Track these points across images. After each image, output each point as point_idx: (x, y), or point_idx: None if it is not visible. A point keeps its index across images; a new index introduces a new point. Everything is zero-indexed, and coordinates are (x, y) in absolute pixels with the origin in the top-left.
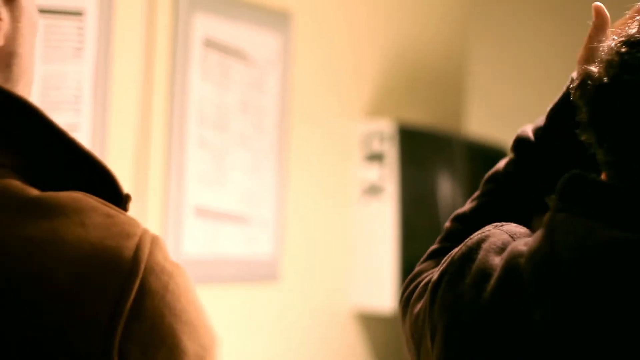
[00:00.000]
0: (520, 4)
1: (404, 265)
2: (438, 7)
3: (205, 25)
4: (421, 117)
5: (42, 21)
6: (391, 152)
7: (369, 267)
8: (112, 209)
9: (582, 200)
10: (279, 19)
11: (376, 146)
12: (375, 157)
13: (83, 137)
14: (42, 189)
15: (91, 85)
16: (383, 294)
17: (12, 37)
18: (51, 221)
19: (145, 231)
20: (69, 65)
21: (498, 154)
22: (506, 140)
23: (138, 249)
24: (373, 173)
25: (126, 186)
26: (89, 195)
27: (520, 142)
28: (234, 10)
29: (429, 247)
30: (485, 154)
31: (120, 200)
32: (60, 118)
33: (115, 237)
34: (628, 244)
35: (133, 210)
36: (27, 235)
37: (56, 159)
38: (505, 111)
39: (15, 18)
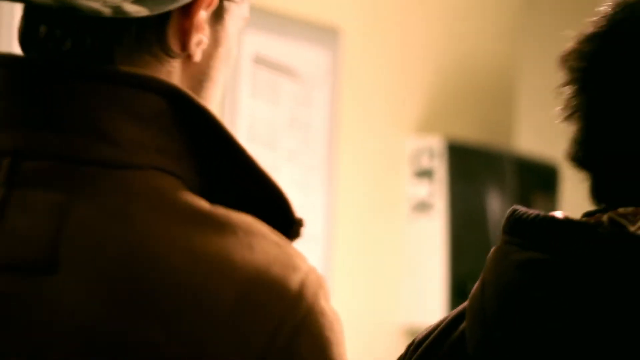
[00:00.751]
0: (570, 17)
1: (453, 282)
2: (487, 22)
3: (254, 42)
4: (471, 133)
5: None
6: (441, 168)
7: (418, 284)
8: (281, 239)
9: (510, 230)
10: (328, 35)
11: (425, 162)
12: (425, 174)
13: None
14: (212, 202)
15: None
16: (432, 310)
17: (210, 59)
18: (220, 238)
19: (312, 269)
20: None
21: (548, 170)
22: (556, 156)
23: (304, 284)
24: (422, 189)
25: None
26: (259, 221)
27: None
28: (283, 27)
29: (478, 264)
30: (535, 169)
31: (292, 225)
32: None
33: (282, 267)
34: (535, 264)
35: None
36: (195, 247)
37: (232, 175)
38: (555, 127)
39: (217, 43)
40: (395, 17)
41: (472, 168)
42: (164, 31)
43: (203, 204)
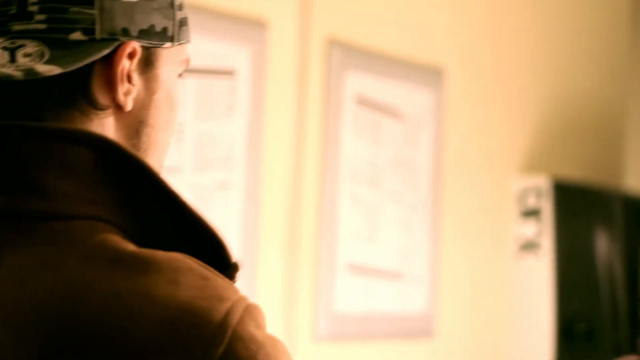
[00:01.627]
0: None
1: (561, 323)
2: (594, 60)
3: (357, 82)
4: (577, 171)
5: (195, 81)
6: (547, 207)
7: (525, 324)
8: (211, 272)
9: None
10: (432, 75)
11: (532, 202)
12: (532, 213)
13: (235, 194)
14: (150, 246)
15: (244, 143)
16: (540, 351)
17: (145, 106)
18: (142, 276)
19: (241, 298)
20: (222, 123)
21: None
22: None
23: (228, 313)
24: (529, 229)
25: (278, 242)
26: (189, 257)
27: None
28: (385, 67)
29: (585, 304)
30: None
31: (227, 268)
32: (213, 175)
33: (206, 299)
34: None
35: (286, 266)
36: (115, 288)
37: (165, 221)
38: None
39: (151, 90)
40: (500, 56)
41: (579, 207)
42: (88, 85)
43: (131, 247)
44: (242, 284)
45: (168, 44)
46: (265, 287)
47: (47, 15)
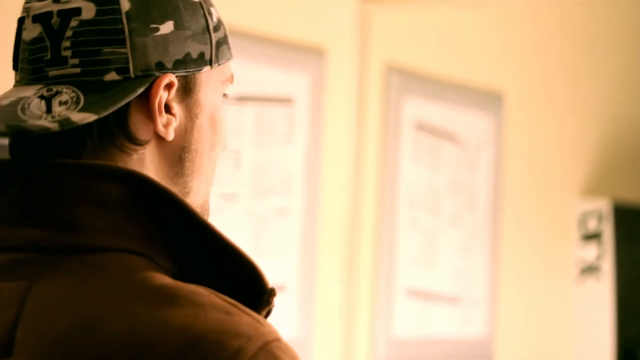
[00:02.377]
0: None
1: (622, 347)
2: None
3: (415, 108)
4: (638, 195)
5: (254, 108)
6: (608, 231)
7: (586, 349)
8: (237, 309)
9: None
10: (490, 100)
11: (592, 225)
12: (592, 237)
13: (294, 220)
14: (185, 278)
15: (302, 169)
16: None
17: (187, 132)
18: (162, 309)
19: (261, 334)
20: (280, 150)
21: None
22: None
23: (240, 349)
24: (590, 253)
25: (337, 268)
26: (216, 293)
27: None
28: (443, 93)
29: None
30: None
31: (263, 294)
32: (271, 202)
33: (221, 333)
34: None
35: (344, 291)
36: (132, 319)
37: (199, 252)
38: None
39: (192, 115)
40: (558, 79)
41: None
42: (125, 123)
43: (159, 279)
44: (301, 310)
45: (207, 68)
46: (323, 313)
47: (81, 59)
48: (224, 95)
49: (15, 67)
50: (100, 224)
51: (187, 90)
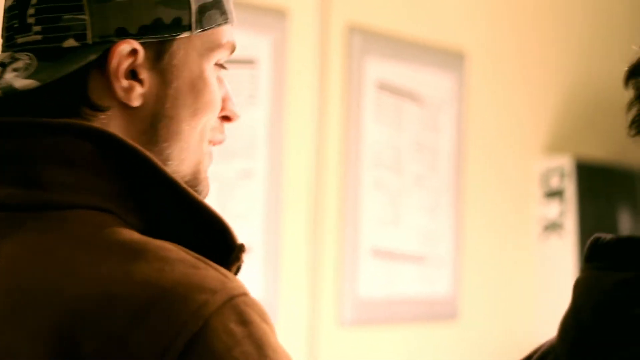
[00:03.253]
0: None
1: None
2: (615, 40)
3: (377, 68)
4: (600, 151)
5: None
6: (570, 188)
7: (550, 304)
8: (204, 263)
9: (599, 257)
10: (452, 59)
11: (555, 183)
12: (555, 194)
13: (258, 182)
14: (155, 234)
15: (265, 132)
16: None
17: (160, 99)
18: (128, 264)
19: (227, 288)
20: (244, 112)
21: None
22: None
23: (205, 302)
24: (552, 210)
25: (302, 229)
26: (185, 249)
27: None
28: (405, 52)
29: None
30: None
31: (232, 250)
32: (236, 165)
33: (186, 287)
34: (629, 282)
35: (310, 253)
36: (99, 275)
37: (167, 208)
38: None
39: (166, 82)
40: (521, 38)
41: (602, 187)
42: (84, 90)
43: (126, 235)
44: (267, 272)
45: (186, 34)
46: (289, 274)
47: (43, 26)
48: (219, 64)
49: (2, 36)
50: (68, 182)
51: (159, 56)
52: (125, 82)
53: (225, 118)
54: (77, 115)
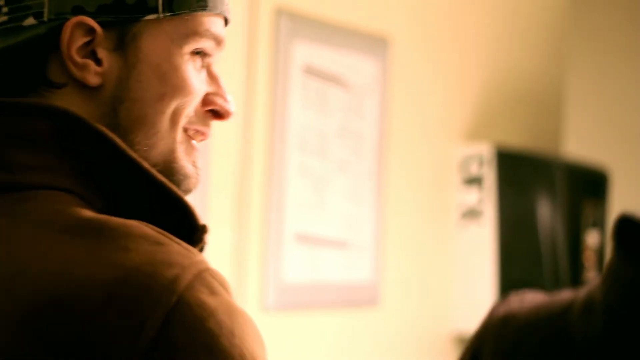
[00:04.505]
0: (618, 24)
1: (504, 290)
2: (535, 30)
3: (304, 52)
4: (520, 140)
5: None
6: (490, 175)
7: (469, 291)
8: (167, 239)
9: (632, 243)
10: (377, 45)
11: (474, 170)
12: (474, 181)
13: None
14: (117, 214)
15: None
16: (482, 317)
17: (122, 81)
18: (92, 243)
19: (194, 263)
20: None
21: (597, 176)
22: (606, 161)
23: (176, 279)
24: (472, 197)
25: (227, 213)
26: (147, 224)
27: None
28: (332, 37)
29: (527, 270)
30: (584, 176)
31: (195, 231)
32: None
33: (154, 264)
34: None
35: (235, 237)
36: (64, 257)
37: (129, 187)
38: (604, 133)
39: (129, 64)
40: (444, 26)
41: (521, 175)
42: (42, 67)
43: (87, 214)
44: None
45: (152, 16)
46: (213, 258)
47: (9, 7)
48: (197, 52)
49: None
50: (28, 162)
51: (123, 38)
52: (79, 60)
53: (216, 114)
54: (34, 92)
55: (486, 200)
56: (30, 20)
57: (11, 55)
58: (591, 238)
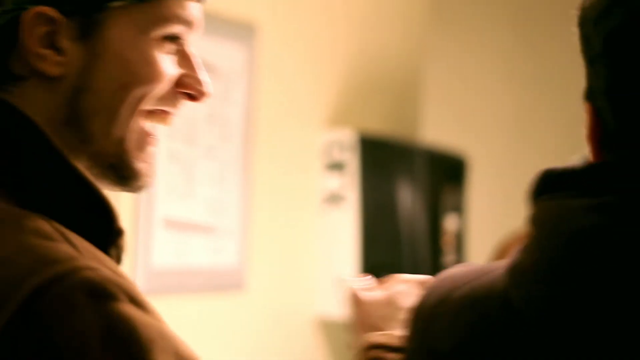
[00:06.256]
0: (476, 11)
1: (365, 273)
2: (394, 17)
3: None
4: (381, 126)
5: None
6: (352, 161)
7: (331, 276)
8: (62, 236)
9: (556, 185)
10: (244, 31)
11: (337, 155)
12: (336, 166)
13: None
14: (37, 209)
15: None
16: (344, 301)
17: (84, 71)
18: None
19: (71, 261)
20: None
21: (456, 162)
22: (464, 146)
23: (38, 272)
24: (334, 182)
25: None
26: (49, 220)
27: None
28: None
29: (389, 255)
30: (444, 162)
31: (112, 233)
32: None
33: (28, 258)
34: (610, 206)
35: None
36: None
37: (49, 183)
38: (461, 120)
39: (92, 53)
40: (309, 13)
41: (382, 160)
42: (5, 60)
43: None
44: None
45: (118, 3)
46: None
47: None
48: (166, 37)
49: None
50: None
51: (87, 27)
52: (38, 50)
53: (189, 96)
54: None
55: (348, 185)
56: None
57: None
58: (450, 223)
